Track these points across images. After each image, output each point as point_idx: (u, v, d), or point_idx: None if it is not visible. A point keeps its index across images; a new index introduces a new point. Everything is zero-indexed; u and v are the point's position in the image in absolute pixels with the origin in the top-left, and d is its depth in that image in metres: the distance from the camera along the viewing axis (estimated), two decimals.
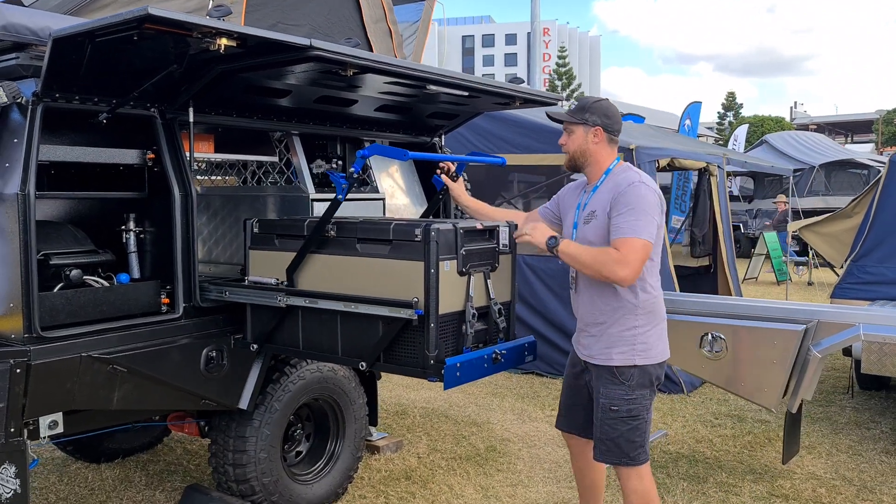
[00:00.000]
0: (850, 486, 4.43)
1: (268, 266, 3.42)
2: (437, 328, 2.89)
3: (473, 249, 3.05)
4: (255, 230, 3.48)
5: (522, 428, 5.49)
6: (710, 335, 4.27)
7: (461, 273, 2.99)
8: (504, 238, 3.22)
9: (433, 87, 3.63)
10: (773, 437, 5.23)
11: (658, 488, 4.37)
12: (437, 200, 4.11)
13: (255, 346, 3.45)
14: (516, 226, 3.29)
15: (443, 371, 2.85)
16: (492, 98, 4.12)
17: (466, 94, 3.84)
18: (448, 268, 2.93)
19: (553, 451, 5.01)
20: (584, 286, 3.17)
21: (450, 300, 2.96)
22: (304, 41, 2.87)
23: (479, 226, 3.12)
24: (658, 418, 5.71)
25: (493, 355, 3.06)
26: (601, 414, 3.10)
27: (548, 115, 3.38)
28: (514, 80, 4.13)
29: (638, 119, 9.41)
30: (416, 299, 2.91)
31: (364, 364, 3.10)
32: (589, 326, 3.16)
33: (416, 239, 2.90)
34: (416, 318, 2.89)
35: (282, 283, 3.35)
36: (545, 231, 3.10)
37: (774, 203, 15.71)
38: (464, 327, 3.01)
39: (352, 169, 3.16)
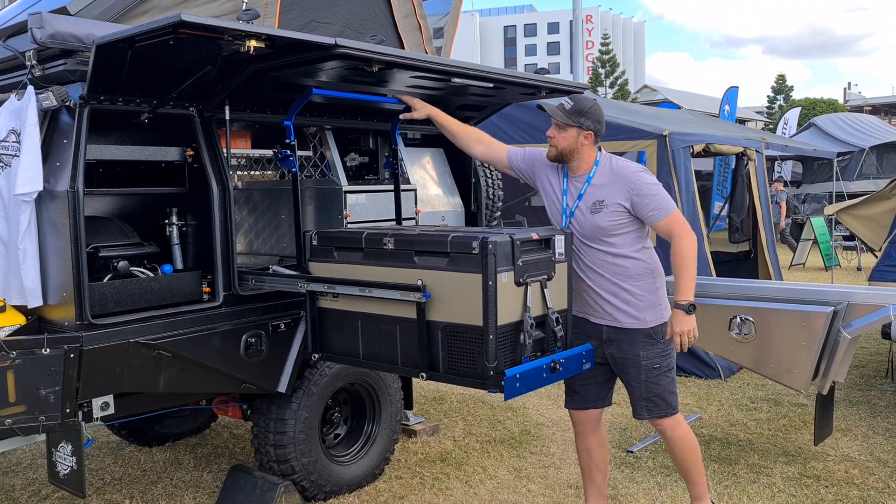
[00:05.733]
0: (884, 468, 4.42)
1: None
2: (497, 339, 2.91)
3: (530, 260, 3.06)
4: (314, 242, 3.52)
5: (557, 413, 5.58)
6: (738, 318, 4.31)
7: (518, 284, 3.00)
8: (560, 247, 3.22)
9: (457, 80, 3.74)
10: (808, 420, 5.22)
11: None
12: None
13: (317, 357, 3.55)
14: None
15: (503, 382, 2.87)
16: (517, 89, 4.22)
17: (491, 85, 3.94)
18: (506, 279, 2.93)
19: None
20: (592, 261, 3.38)
21: (508, 311, 2.96)
22: (330, 40, 3.01)
23: (535, 236, 3.11)
24: (693, 402, 5.74)
25: (552, 364, 3.07)
26: (644, 375, 3.38)
27: (543, 108, 3.49)
28: (539, 70, 4.22)
29: (672, 107, 9.38)
30: (420, 282, 3.02)
31: (424, 375, 3.12)
32: (611, 296, 3.37)
33: (474, 251, 2.92)
34: (424, 300, 2.99)
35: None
36: (685, 316, 3.28)
37: None
38: (522, 337, 3.01)
39: (287, 141, 3.53)
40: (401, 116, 3.83)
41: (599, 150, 3.47)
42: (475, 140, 3.77)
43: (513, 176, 3.77)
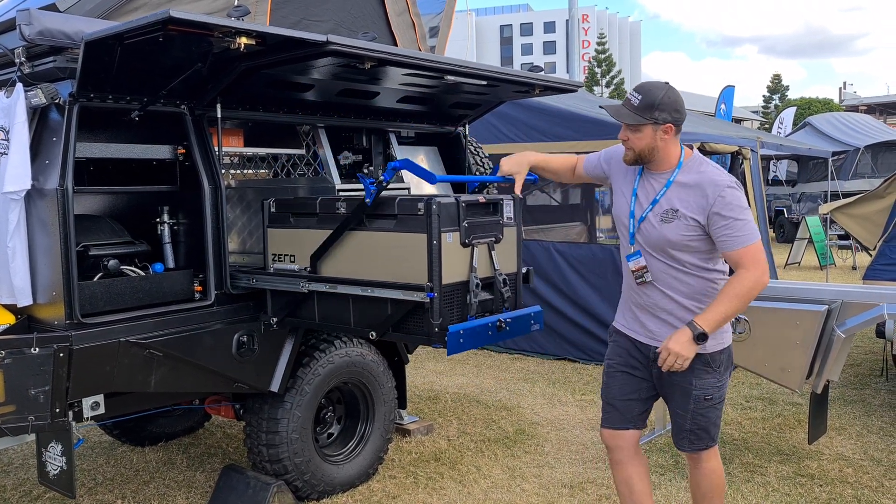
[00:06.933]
0: (878, 466, 4.41)
1: (285, 243, 3.62)
2: (441, 298, 3.03)
3: (476, 222, 3.18)
4: (272, 210, 3.67)
5: (552, 412, 5.57)
6: None
7: (464, 244, 3.14)
8: (508, 211, 3.32)
9: (450, 78, 3.72)
10: (803, 419, 5.22)
11: (682, 469, 4.44)
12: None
13: (275, 321, 3.64)
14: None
15: (446, 338, 3.00)
16: (511, 86, 4.20)
17: (484, 83, 3.92)
18: (451, 239, 3.07)
19: (581, 433, 5.09)
20: (653, 274, 2.98)
21: (453, 271, 3.10)
22: (321, 37, 2.98)
23: (481, 199, 3.24)
24: None
25: (498, 323, 3.19)
26: (693, 405, 2.99)
27: (610, 113, 2.99)
28: (533, 68, 4.20)
29: None
30: (429, 284, 3.03)
31: (374, 334, 3.28)
32: (667, 315, 2.97)
33: (419, 213, 3.05)
34: (428, 300, 3.00)
35: (305, 269, 3.50)
36: (690, 341, 2.83)
37: None
38: (468, 297, 3.14)
39: (381, 177, 3.17)
40: (517, 192, 3.39)
41: (690, 146, 3.03)
42: (571, 168, 3.38)
43: (594, 183, 3.60)
